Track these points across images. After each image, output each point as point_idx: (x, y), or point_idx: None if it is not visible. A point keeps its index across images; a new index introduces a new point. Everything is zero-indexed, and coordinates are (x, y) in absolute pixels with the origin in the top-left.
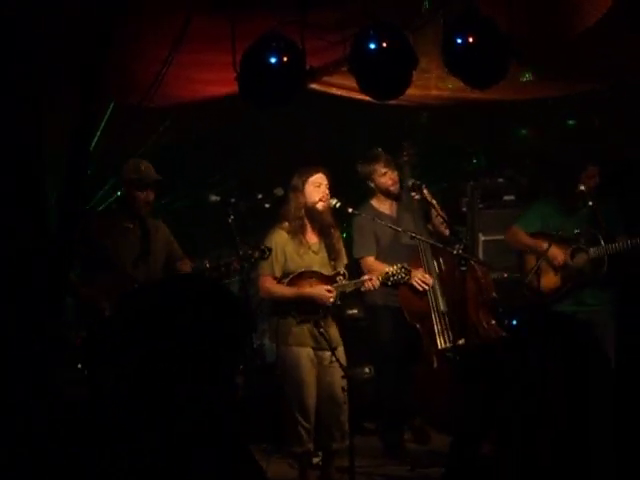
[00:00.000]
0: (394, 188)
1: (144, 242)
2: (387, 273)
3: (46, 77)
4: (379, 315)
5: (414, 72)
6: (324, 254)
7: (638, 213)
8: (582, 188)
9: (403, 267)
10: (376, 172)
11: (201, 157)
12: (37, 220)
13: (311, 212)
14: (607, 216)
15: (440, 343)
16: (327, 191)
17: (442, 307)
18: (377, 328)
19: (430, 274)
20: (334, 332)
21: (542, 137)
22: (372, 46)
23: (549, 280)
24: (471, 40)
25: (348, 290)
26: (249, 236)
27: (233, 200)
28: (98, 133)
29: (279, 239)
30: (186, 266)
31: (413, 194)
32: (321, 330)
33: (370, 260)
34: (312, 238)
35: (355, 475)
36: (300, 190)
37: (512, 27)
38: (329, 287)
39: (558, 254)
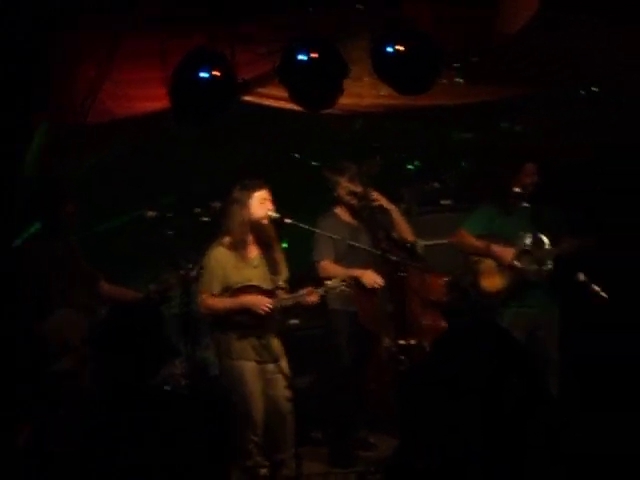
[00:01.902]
0: (355, 203)
1: (67, 264)
2: (327, 285)
3: None
4: (337, 320)
5: (346, 80)
6: (264, 268)
7: (583, 214)
8: (517, 190)
9: (343, 280)
10: (339, 185)
11: (137, 173)
12: None
13: (255, 227)
14: (551, 217)
15: (384, 343)
16: (271, 206)
17: (388, 308)
18: (334, 333)
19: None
20: (276, 344)
21: (478, 140)
22: (301, 57)
23: (494, 281)
24: (400, 48)
25: (288, 304)
26: (188, 251)
27: (170, 215)
28: (35, 152)
29: (218, 255)
30: (106, 287)
31: (374, 204)
32: (264, 343)
33: (326, 263)
34: (253, 252)
35: None
36: (244, 204)
37: (440, 34)
38: (263, 297)
39: (505, 254)
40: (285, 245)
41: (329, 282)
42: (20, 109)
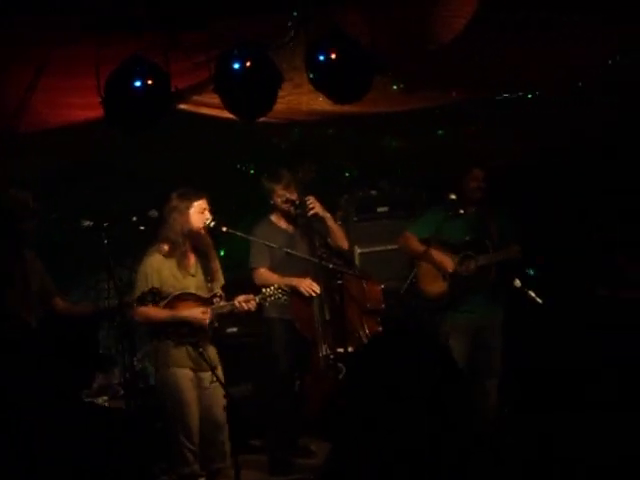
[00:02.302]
0: (290, 210)
1: (25, 279)
2: (264, 293)
3: None
4: (273, 328)
5: (285, 86)
6: (201, 276)
7: (532, 220)
8: (453, 197)
9: (280, 287)
10: (275, 192)
11: (72, 182)
12: None
13: (193, 236)
14: (499, 223)
15: (322, 350)
16: (209, 216)
17: (327, 316)
18: (270, 341)
19: (317, 284)
20: (213, 353)
21: (413, 147)
22: (236, 66)
23: (436, 286)
24: (333, 56)
25: (225, 311)
26: (125, 259)
27: (106, 224)
28: None
29: (154, 262)
30: (63, 304)
31: (310, 212)
32: (200, 351)
33: (262, 271)
34: (190, 260)
35: None
36: (183, 214)
37: (375, 40)
38: (203, 309)
39: (446, 262)
40: (222, 253)
41: (265, 290)
42: None
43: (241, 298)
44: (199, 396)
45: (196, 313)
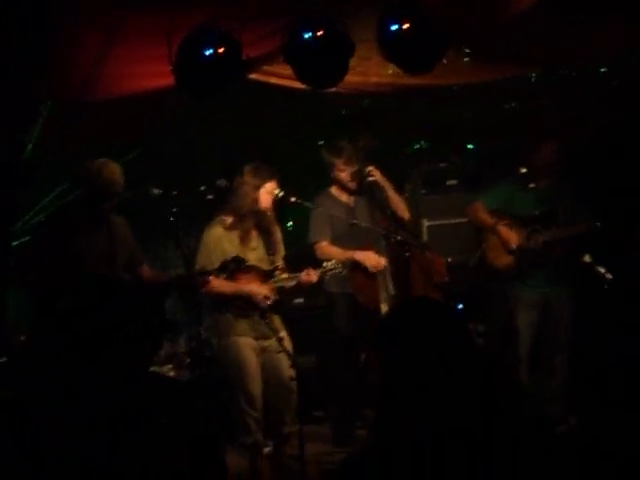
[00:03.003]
0: (351, 184)
1: (110, 243)
2: (324, 267)
3: None
4: (335, 302)
5: (353, 59)
6: (262, 249)
7: (603, 197)
8: (523, 170)
9: (340, 262)
10: (336, 167)
11: (142, 151)
12: None
13: (257, 214)
14: (569, 197)
15: None
16: (276, 195)
17: (391, 291)
18: (333, 315)
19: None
20: (276, 321)
21: (483, 120)
22: (307, 35)
23: (503, 259)
24: (405, 26)
25: (287, 285)
26: (192, 229)
27: (175, 193)
28: (37, 132)
29: (216, 234)
30: (149, 272)
31: (369, 179)
32: (267, 321)
33: (323, 245)
34: (251, 234)
35: (305, 462)
36: (253, 191)
37: (447, 10)
38: (267, 293)
39: (511, 238)
40: (289, 225)
41: (326, 263)
42: (21, 87)
43: (303, 272)
44: (263, 364)
45: (258, 291)
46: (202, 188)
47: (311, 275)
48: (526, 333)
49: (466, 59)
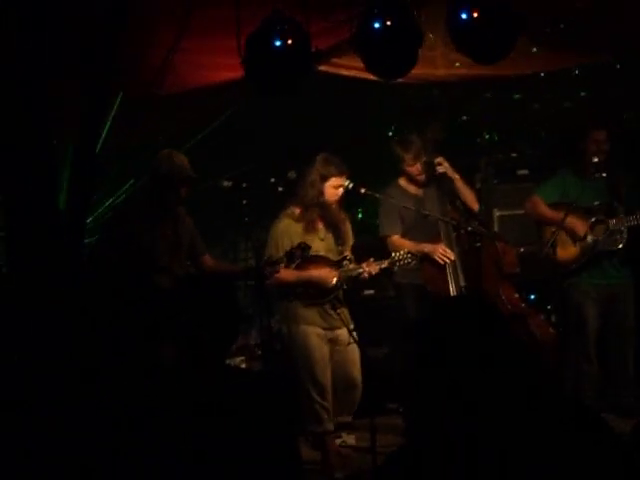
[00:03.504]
0: (420, 178)
1: (176, 235)
2: (393, 257)
3: (54, 65)
4: (404, 293)
5: (420, 50)
6: (330, 240)
7: None
8: (595, 160)
9: (410, 252)
10: (405, 161)
11: (212, 142)
12: (48, 202)
13: (324, 207)
14: (628, 186)
15: None
16: (341, 194)
17: (461, 282)
18: (402, 306)
19: (451, 249)
20: (344, 313)
21: (554, 109)
22: (377, 25)
23: (567, 252)
24: (476, 15)
25: (354, 274)
26: (263, 220)
27: (245, 185)
28: (108, 124)
29: (283, 227)
30: (211, 262)
31: (438, 171)
32: (338, 311)
33: (395, 238)
34: (318, 225)
35: (377, 454)
36: (320, 182)
37: None
38: (331, 270)
39: (578, 225)
40: (360, 215)
41: (395, 254)
42: (95, 78)
43: (367, 262)
44: (332, 354)
45: (323, 273)
46: (272, 180)
47: (371, 266)
48: (593, 325)
49: (534, 49)
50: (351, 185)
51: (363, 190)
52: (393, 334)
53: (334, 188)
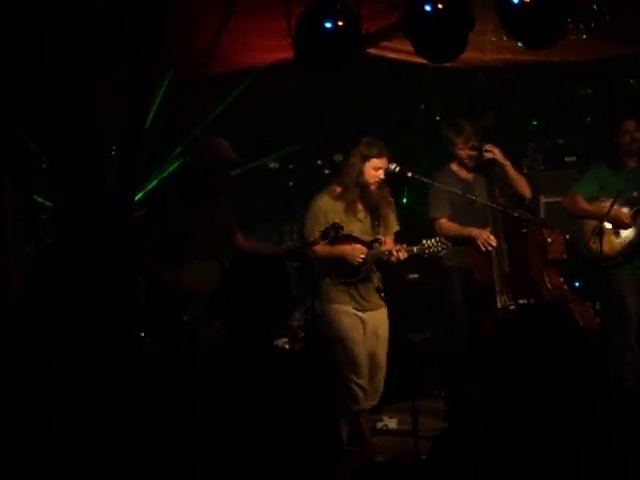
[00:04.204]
0: (469, 161)
1: (212, 216)
2: (423, 245)
3: (100, 47)
4: (451, 276)
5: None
6: (368, 222)
7: None
8: (632, 148)
9: (441, 240)
10: (456, 145)
11: (260, 124)
12: (96, 180)
13: (363, 187)
14: None
15: (500, 302)
16: (382, 176)
17: (506, 267)
18: (450, 290)
19: (496, 235)
20: (375, 296)
21: (604, 97)
22: (427, 8)
23: (610, 243)
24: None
25: (383, 256)
26: (308, 203)
27: (292, 166)
28: (157, 102)
29: (322, 204)
30: (245, 242)
31: (487, 156)
32: (360, 291)
33: (443, 221)
34: (357, 206)
35: (418, 437)
36: (360, 163)
37: None
38: (360, 246)
39: (622, 215)
40: (405, 200)
41: (425, 241)
42: (144, 59)
43: (396, 246)
44: (362, 335)
45: (349, 249)
46: (319, 162)
47: (401, 251)
48: (635, 315)
49: (584, 36)
50: (398, 169)
51: (410, 174)
52: (436, 318)
53: (374, 170)
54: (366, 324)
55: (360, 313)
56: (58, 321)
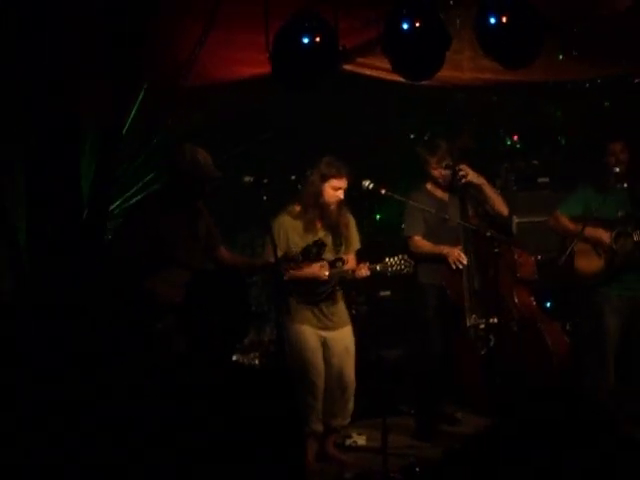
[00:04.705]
0: (442, 181)
1: (192, 227)
2: (386, 263)
3: (79, 62)
4: (425, 293)
5: (447, 53)
6: (329, 241)
7: None
8: (617, 170)
9: (403, 258)
10: (429, 164)
11: (235, 137)
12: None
13: (322, 208)
14: None
15: (469, 320)
16: (341, 197)
17: (476, 286)
18: (423, 306)
19: (467, 254)
20: (340, 313)
21: (577, 118)
22: (405, 26)
23: (592, 263)
24: (505, 19)
25: (348, 276)
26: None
27: (266, 181)
28: (131, 116)
29: (282, 222)
30: (228, 255)
31: (462, 180)
32: (323, 310)
33: (416, 239)
34: (316, 225)
35: (387, 454)
36: (319, 183)
37: (546, 4)
38: (322, 264)
39: (603, 235)
40: (378, 217)
41: (388, 260)
42: (120, 70)
43: (360, 265)
44: (327, 355)
45: (313, 270)
46: (293, 177)
47: (362, 270)
48: (614, 336)
49: (560, 56)
50: (372, 186)
51: (383, 191)
52: (409, 335)
53: (333, 190)
54: (331, 343)
55: (324, 332)
56: (57, 321)
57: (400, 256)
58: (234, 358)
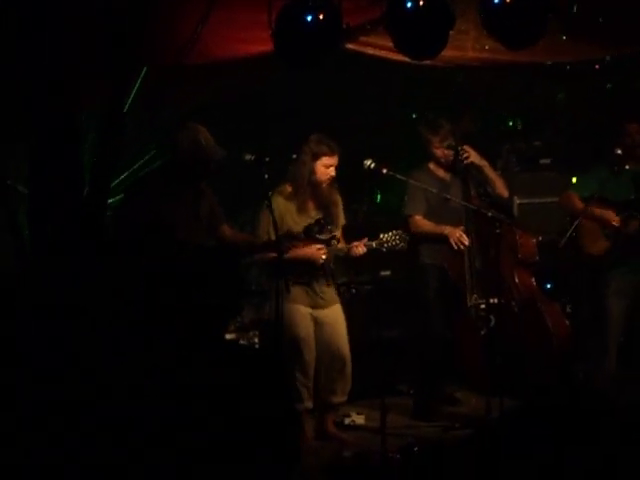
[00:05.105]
0: (445, 161)
1: (194, 207)
2: (380, 238)
3: (78, 48)
4: (426, 274)
5: (451, 32)
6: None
7: None
8: (619, 152)
9: (398, 234)
10: (432, 144)
11: (238, 116)
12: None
13: (314, 186)
14: None
15: (470, 300)
16: (333, 174)
17: (477, 266)
18: (423, 286)
19: (469, 235)
20: (332, 291)
21: (580, 99)
22: (409, 4)
23: (598, 246)
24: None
25: (341, 254)
26: None
27: (267, 159)
28: (131, 97)
29: (275, 205)
30: (230, 232)
31: (464, 161)
32: (316, 289)
33: (417, 218)
34: (309, 205)
35: (385, 434)
36: (311, 161)
37: None
38: (319, 245)
39: (611, 216)
40: (379, 197)
41: (383, 235)
42: (121, 50)
43: (354, 243)
44: (319, 334)
45: (311, 251)
46: (294, 156)
47: (359, 247)
48: (617, 321)
49: (564, 37)
50: (373, 165)
51: (385, 170)
52: (409, 315)
53: (325, 167)
54: (324, 322)
55: (316, 311)
56: (57, 321)
57: (394, 231)
58: (233, 337)
